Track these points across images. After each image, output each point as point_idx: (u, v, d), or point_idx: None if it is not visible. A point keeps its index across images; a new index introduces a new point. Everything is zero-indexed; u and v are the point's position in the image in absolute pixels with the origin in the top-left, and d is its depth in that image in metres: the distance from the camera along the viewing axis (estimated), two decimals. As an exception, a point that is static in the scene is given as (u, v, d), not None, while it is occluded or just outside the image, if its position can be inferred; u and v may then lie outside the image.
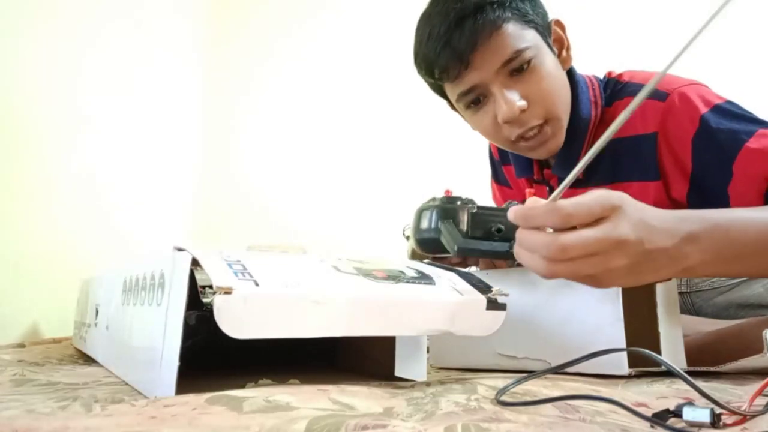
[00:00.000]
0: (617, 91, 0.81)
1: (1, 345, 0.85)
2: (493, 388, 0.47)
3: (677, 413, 0.35)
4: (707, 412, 0.34)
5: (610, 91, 0.82)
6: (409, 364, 0.58)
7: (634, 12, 1.85)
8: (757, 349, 0.51)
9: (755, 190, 0.67)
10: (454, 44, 0.71)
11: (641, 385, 0.51)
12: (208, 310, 0.43)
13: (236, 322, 0.42)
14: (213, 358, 0.60)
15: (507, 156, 0.97)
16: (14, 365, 0.66)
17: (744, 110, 0.72)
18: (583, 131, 0.80)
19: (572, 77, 0.81)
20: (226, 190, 1.96)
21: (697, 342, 0.66)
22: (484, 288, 0.55)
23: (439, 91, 0.82)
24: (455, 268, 0.61)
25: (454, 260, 0.74)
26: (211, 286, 0.43)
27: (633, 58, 1.00)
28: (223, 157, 1.99)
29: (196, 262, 0.45)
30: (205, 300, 0.49)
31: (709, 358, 0.59)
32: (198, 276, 0.49)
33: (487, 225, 0.64)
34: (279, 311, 0.45)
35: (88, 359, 0.75)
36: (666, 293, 0.60)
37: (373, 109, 1.95)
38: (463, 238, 0.63)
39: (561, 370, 0.51)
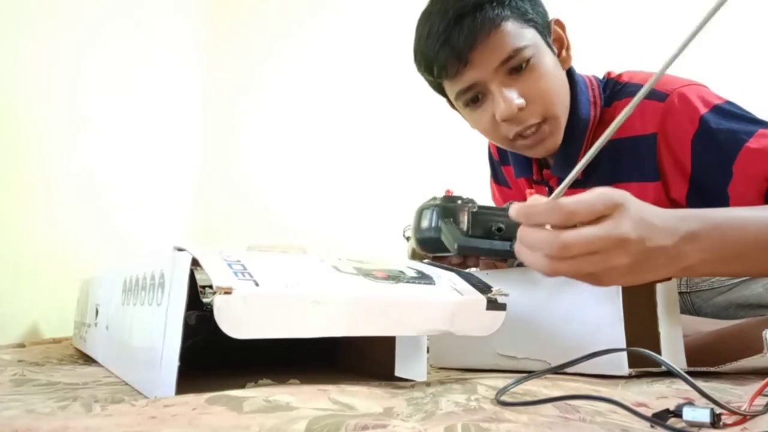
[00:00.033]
0: (616, 91, 0.81)
1: (1, 345, 0.85)
2: (493, 388, 0.47)
3: (677, 413, 0.35)
4: (707, 412, 0.34)
5: (610, 92, 0.82)
6: (409, 364, 0.58)
7: (634, 12, 1.85)
8: (757, 349, 0.51)
9: (755, 190, 0.67)
10: (453, 42, 0.72)
11: (641, 385, 0.51)
12: (208, 310, 0.43)
13: (236, 322, 0.43)
14: (213, 358, 0.60)
15: (506, 156, 0.97)
16: (14, 365, 0.66)
17: (743, 110, 0.72)
18: (582, 131, 0.80)
19: (571, 77, 0.81)
20: (226, 190, 1.96)
21: (697, 342, 0.66)
22: (484, 288, 0.55)
23: (439, 89, 0.82)
24: (455, 268, 0.61)
25: (454, 260, 0.74)
26: (211, 286, 0.43)
27: (633, 58, 1.00)
28: (223, 157, 1.99)
29: (196, 262, 0.45)
30: (205, 300, 0.49)
31: (709, 358, 0.59)
32: (198, 276, 0.49)
33: (487, 224, 0.64)
34: (279, 311, 0.45)
35: (88, 359, 0.75)
36: (666, 293, 0.60)
37: (373, 109, 1.96)
38: (464, 237, 0.63)
39: (561, 370, 0.51)
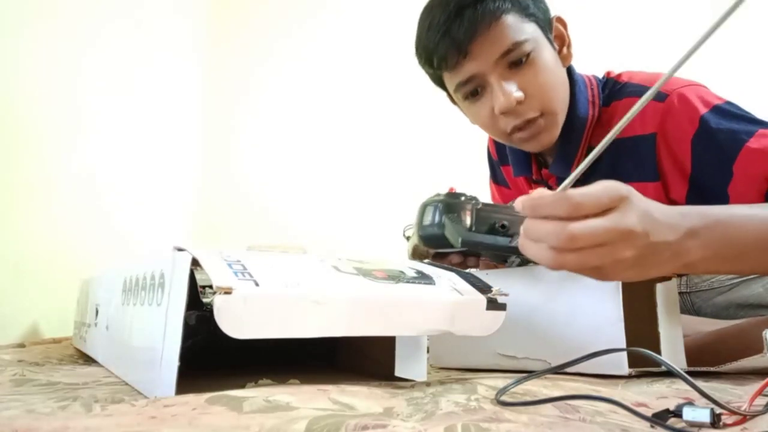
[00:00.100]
0: (616, 91, 0.81)
1: (1, 345, 0.85)
2: (493, 388, 0.47)
3: (677, 413, 0.35)
4: (707, 412, 0.34)
5: (609, 91, 0.82)
6: (409, 364, 0.58)
7: (634, 12, 1.85)
8: (757, 349, 0.51)
9: (755, 191, 0.67)
10: (453, 33, 0.72)
11: (641, 385, 0.51)
12: (208, 310, 0.43)
13: (236, 322, 0.42)
14: (213, 358, 0.60)
15: (505, 156, 0.97)
16: (14, 365, 0.66)
17: (743, 110, 0.72)
18: (580, 130, 0.80)
19: (571, 76, 0.81)
20: (226, 190, 1.96)
21: (697, 342, 0.66)
22: (484, 288, 0.55)
23: (439, 82, 0.82)
24: (455, 269, 0.61)
25: (455, 260, 0.74)
26: (211, 286, 0.43)
27: (633, 58, 1.00)
28: (223, 157, 1.99)
29: (196, 262, 0.45)
30: (205, 300, 0.49)
31: (709, 358, 0.59)
32: (198, 276, 0.49)
33: (491, 221, 0.64)
34: (279, 311, 0.45)
35: (88, 359, 0.75)
36: (666, 293, 0.60)
37: (373, 109, 1.96)
38: (468, 232, 0.63)
39: (561, 370, 0.51)
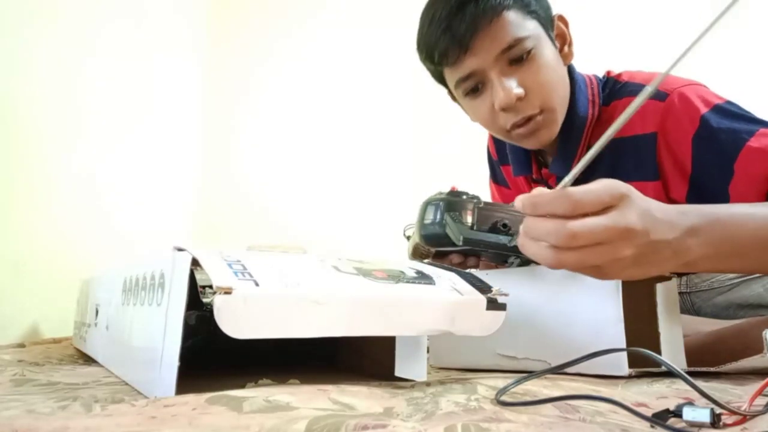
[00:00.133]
0: (616, 90, 0.81)
1: (1, 345, 0.85)
2: (493, 388, 0.47)
3: (677, 413, 0.35)
4: (707, 412, 0.34)
5: (609, 91, 0.82)
6: (409, 364, 0.58)
7: (635, 12, 1.85)
8: (757, 349, 0.51)
9: (756, 190, 0.67)
10: (455, 29, 0.72)
11: (641, 385, 0.51)
12: (208, 310, 0.43)
13: (236, 322, 0.42)
14: (213, 358, 0.60)
15: (505, 156, 0.97)
16: (14, 365, 0.66)
17: (744, 110, 0.72)
18: (580, 129, 0.80)
19: (571, 75, 0.81)
20: (226, 190, 1.96)
21: (697, 342, 0.66)
22: (484, 288, 0.55)
23: (440, 78, 0.82)
24: (455, 269, 0.61)
25: (455, 260, 0.74)
26: (211, 286, 0.43)
27: (633, 58, 1.00)
28: (223, 157, 1.99)
29: (196, 262, 0.44)
30: (205, 300, 0.49)
31: (709, 358, 0.59)
32: (198, 276, 0.49)
33: (492, 219, 0.64)
34: (279, 311, 0.45)
35: (88, 359, 0.75)
36: (666, 293, 0.60)
37: (373, 109, 1.95)
38: (469, 230, 0.63)
39: (561, 370, 0.51)
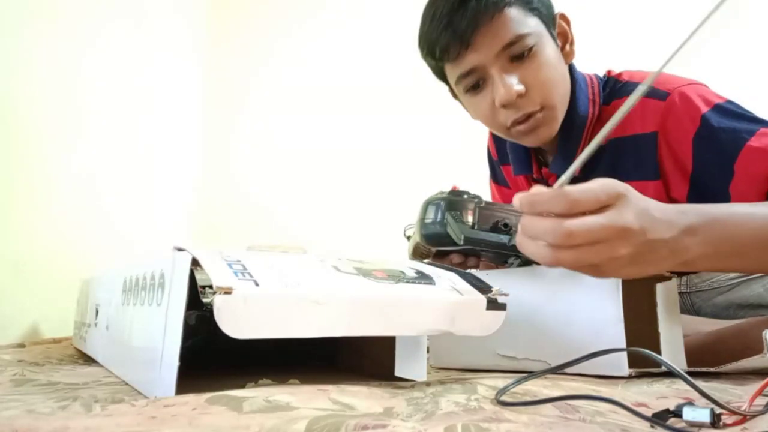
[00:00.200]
0: (616, 90, 0.81)
1: (1, 345, 0.85)
2: (493, 388, 0.47)
3: (677, 413, 0.35)
4: (707, 412, 0.34)
5: (609, 90, 0.82)
6: (409, 364, 0.58)
7: (636, 12, 1.85)
8: (757, 349, 0.51)
9: (756, 190, 0.67)
10: (456, 24, 0.72)
11: (641, 385, 0.51)
12: (208, 310, 0.43)
13: (236, 322, 0.42)
14: (213, 358, 0.60)
15: (506, 155, 0.97)
16: (14, 365, 0.66)
17: (744, 110, 0.72)
18: (580, 129, 0.80)
19: (572, 74, 0.81)
20: (226, 190, 1.96)
21: (697, 342, 0.66)
22: (484, 288, 0.55)
23: (441, 75, 0.83)
24: (455, 269, 0.61)
25: (455, 260, 0.74)
26: (211, 286, 0.43)
27: (633, 57, 1.00)
28: (223, 157, 1.99)
29: (196, 262, 0.44)
30: (205, 300, 0.49)
31: (709, 358, 0.59)
32: (198, 276, 0.49)
33: (493, 219, 0.64)
34: (279, 311, 0.45)
35: (88, 359, 0.75)
36: (666, 293, 0.60)
37: (373, 109, 1.95)
38: (470, 230, 0.63)
39: (561, 371, 0.51)
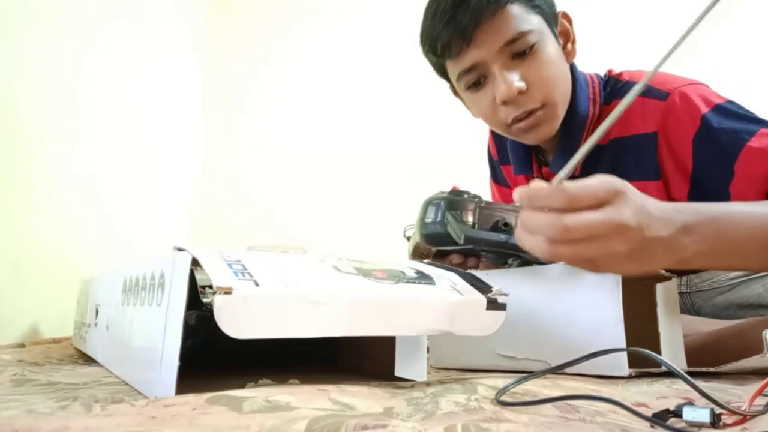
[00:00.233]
0: (617, 89, 0.81)
1: (1, 345, 0.85)
2: (493, 388, 0.47)
3: (677, 413, 0.35)
4: (707, 412, 0.34)
5: (610, 90, 0.82)
6: (409, 364, 0.58)
7: (636, 11, 1.85)
8: (757, 349, 0.51)
9: (756, 190, 0.67)
10: (458, 20, 0.72)
11: (641, 385, 0.51)
12: (208, 310, 0.43)
13: (236, 322, 0.42)
14: (213, 358, 0.60)
15: (506, 155, 0.97)
16: (14, 365, 0.66)
17: (745, 110, 0.72)
18: (580, 128, 0.80)
19: (573, 73, 0.81)
20: (226, 190, 1.96)
21: (697, 342, 0.66)
22: (484, 288, 0.55)
23: (442, 72, 0.83)
24: (455, 269, 0.61)
25: (455, 260, 0.74)
26: (211, 286, 0.43)
27: (633, 57, 1.00)
28: (223, 157, 1.99)
29: (196, 262, 0.44)
30: (205, 300, 0.49)
31: (709, 358, 0.59)
32: (198, 276, 0.49)
33: (493, 218, 0.64)
34: (279, 311, 0.45)
35: (88, 359, 0.75)
36: (666, 293, 0.60)
37: (373, 109, 1.95)
38: (471, 229, 0.63)
39: (561, 370, 0.51)
